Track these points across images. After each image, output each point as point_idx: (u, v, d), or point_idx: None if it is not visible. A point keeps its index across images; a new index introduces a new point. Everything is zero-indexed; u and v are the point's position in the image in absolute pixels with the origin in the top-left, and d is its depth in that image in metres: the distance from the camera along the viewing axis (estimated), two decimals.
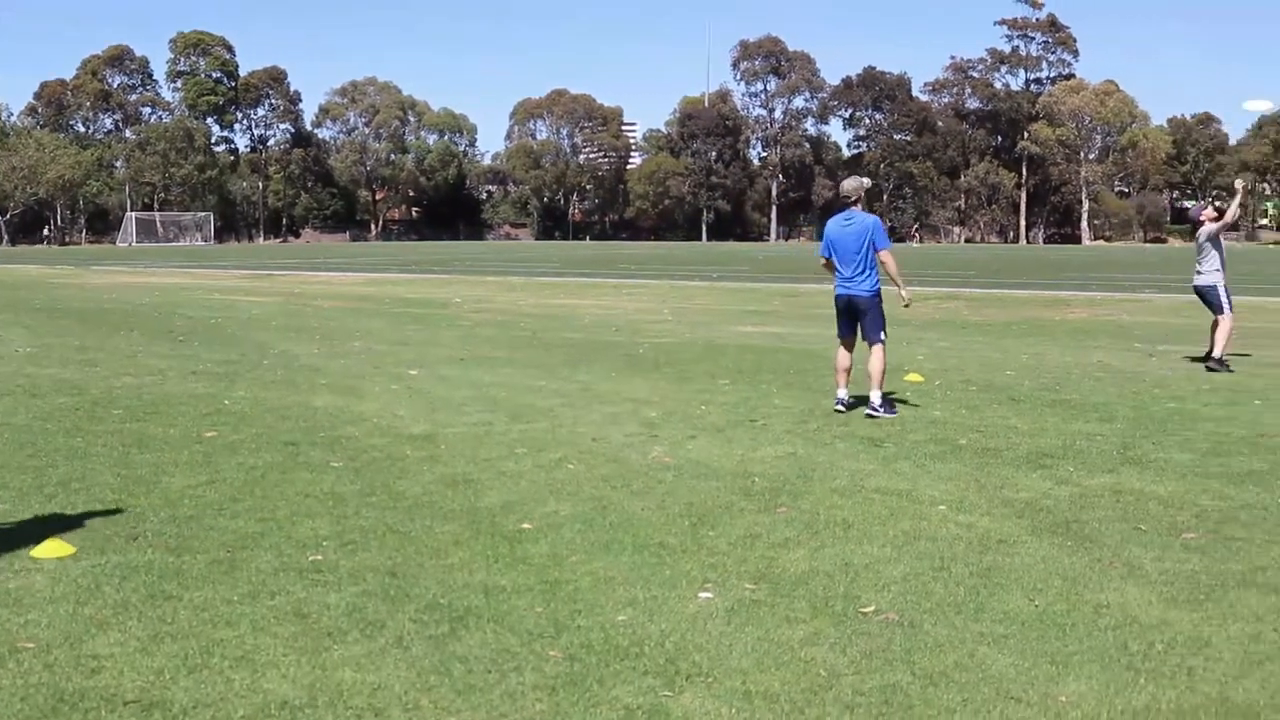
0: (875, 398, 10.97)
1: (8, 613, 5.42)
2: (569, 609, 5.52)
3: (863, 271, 11.10)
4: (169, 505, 7.47)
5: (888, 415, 10.85)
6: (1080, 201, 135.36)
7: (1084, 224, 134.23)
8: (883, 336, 11.20)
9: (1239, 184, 17.29)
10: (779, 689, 4.61)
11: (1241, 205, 16.10)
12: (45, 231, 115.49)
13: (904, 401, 11.67)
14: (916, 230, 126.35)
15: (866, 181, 11.75)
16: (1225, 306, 15.05)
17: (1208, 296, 15.30)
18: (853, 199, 11.25)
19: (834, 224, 11.35)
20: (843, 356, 11.44)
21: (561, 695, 4.54)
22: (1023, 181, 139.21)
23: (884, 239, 11.13)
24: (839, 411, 11.13)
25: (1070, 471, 8.57)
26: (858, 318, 11.28)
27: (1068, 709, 4.44)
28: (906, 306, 12.01)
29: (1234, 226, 16.23)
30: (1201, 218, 15.68)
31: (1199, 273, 15.49)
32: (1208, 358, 14.88)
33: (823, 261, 11.56)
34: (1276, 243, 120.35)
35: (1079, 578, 6.03)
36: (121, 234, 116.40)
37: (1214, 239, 15.35)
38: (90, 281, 38.93)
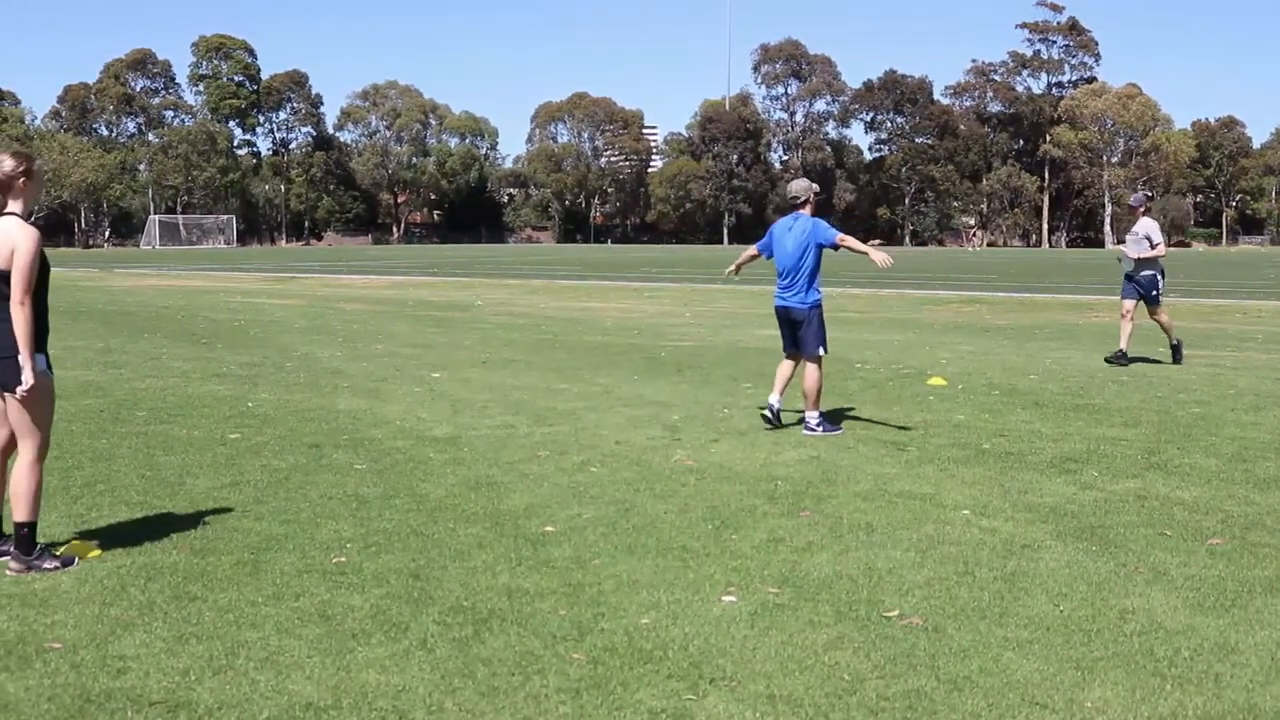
0: (811, 417, 10.43)
1: (35, 613, 5.45)
2: (592, 612, 5.52)
3: (800, 281, 10.48)
4: (193, 507, 7.50)
5: (830, 433, 10.29)
6: (1103, 205, 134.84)
7: (1107, 228, 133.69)
8: (821, 352, 10.54)
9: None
10: (803, 693, 4.60)
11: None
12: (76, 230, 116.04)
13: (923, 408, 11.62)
14: (975, 233, 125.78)
15: (815, 186, 11.05)
16: (1160, 299, 15.86)
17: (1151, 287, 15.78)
18: (801, 200, 10.61)
19: (780, 225, 10.74)
20: (784, 368, 10.77)
21: (585, 698, 4.54)
22: (1045, 185, 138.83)
23: (827, 233, 10.43)
24: (764, 420, 10.55)
25: (1095, 476, 8.54)
26: (795, 329, 10.62)
27: (1093, 715, 4.42)
28: (886, 267, 10.63)
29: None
30: (1139, 211, 16.03)
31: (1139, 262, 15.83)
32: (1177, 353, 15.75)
33: (752, 252, 11.12)
34: None
35: (1104, 583, 6.01)
36: (145, 237, 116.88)
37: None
38: (114, 284, 39.11)
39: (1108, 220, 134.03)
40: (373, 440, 9.89)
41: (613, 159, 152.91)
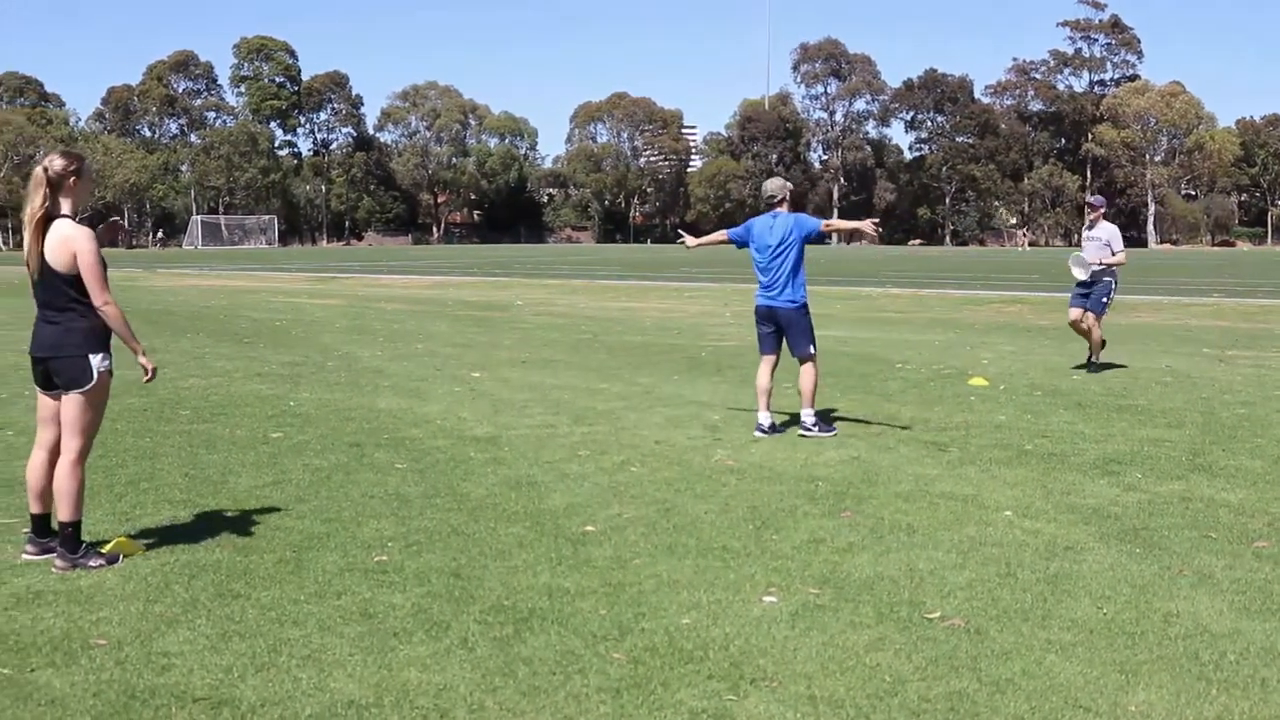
0: (807, 417, 10.26)
1: (80, 610, 5.50)
2: (633, 612, 5.51)
3: (784, 279, 10.28)
4: (236, 505, 7.55)
5: (824, 435, 10.11)
6: (1146, 204, 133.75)
7: (1150, 227, 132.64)
8: (812, 350, 10.42)
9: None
10: (844, 694, 4.58)
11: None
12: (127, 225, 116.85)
13: (966, 406, 11.56)
14: (1024, 233, 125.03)
15: (790, 184, 10.73)
16: (1106, 311, 15.02)
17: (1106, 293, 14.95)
18: (778, 198, 10.38)
19: (759, 222, 10.47)
20: (763, 376, 10.53)
21: (626, 698, 4.54)
22: (1087, 184, 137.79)
23: (811, 223, 10.30)
24: (760, 436, 10.17)
25: (1139, 478, 8.47)
26: (782, 332, 10.46)
27: (1137, 719, 4.38)
28: (878, 230, 10.52)
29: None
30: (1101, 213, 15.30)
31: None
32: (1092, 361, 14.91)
33: (721, 236, 10.97)
34: None
35: (1148, 585, 5.96)
36: (187, 237, 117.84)
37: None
38: (156, 284, 39.42)
39: (1150, 219, 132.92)
40: (413, 439, 9.93)
41: (652, 159, 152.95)
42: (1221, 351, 17.25)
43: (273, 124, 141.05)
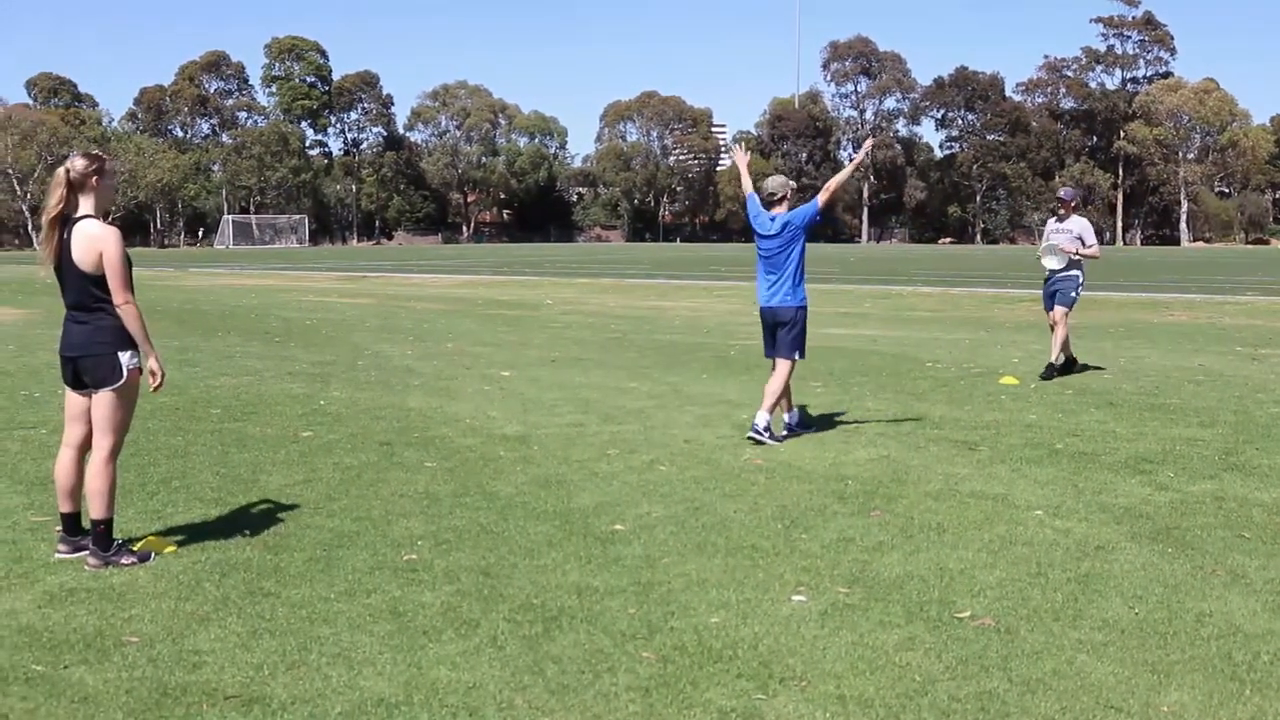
0: (761, 419, 9.83)
1: (113, 608, 5.54)
2: (662, 611, 5.51)
3: (785, 279, 10.06)
4: (266, 503, 7.59)
5: (772, 442, 9.72)
6: (1179, 202, 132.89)
7: (1183, 225, 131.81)
8: (796, 356, 10.15)
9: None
10: (873, 694, 4.57)
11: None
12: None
13: (997, 403, 11.50)
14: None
15: (792, 183, 10.41)
16: (1073, 304, 14.55)
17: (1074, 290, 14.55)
18: (779, 196, 10.09)
19: (762, 219, 10.18)
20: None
21: (655, 697, 4.54)
22: (1119, 182, 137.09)
23: (809, 209, 9.98)
24: (762, 438, 9.80)
25: (1171, 477, 8.42)
26: (777, 330, 10.21)
27: None
28: (870, 149, 10.30)
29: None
30: (1072, 207, 14.76)
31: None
32: (1060, 366, 14.21)
33: (750, 188, 10.51)
34: None
35: (1180, 585, 5.92)
36: (218, 236, 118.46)
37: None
38: (188, 283, 39.63)
39: (1184, 217, 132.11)
40: (443, 438, 9.95)
41: (681, 158, 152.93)
42: (1255, 350, 17.13)
43: (304, 124, 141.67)
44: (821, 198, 10.18)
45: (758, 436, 9.78)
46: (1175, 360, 15.68)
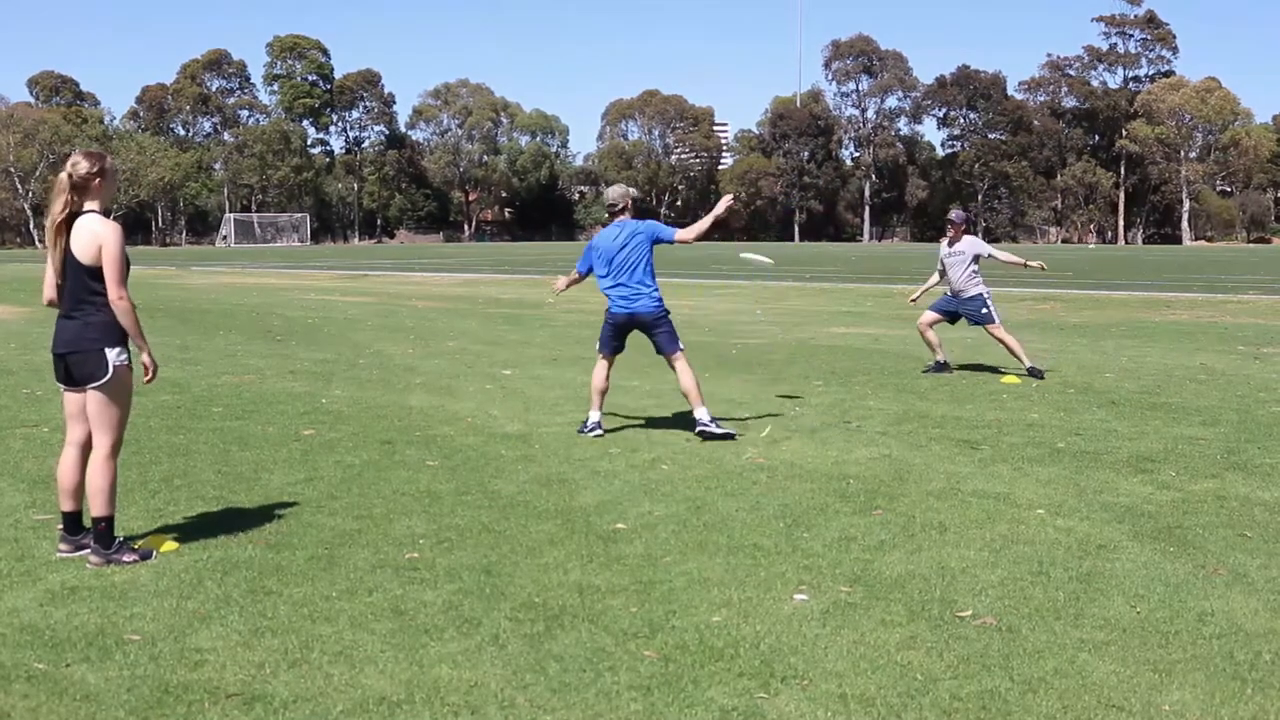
0: (702, 414, 9.90)
1: (114, 606, 5.54)
2: (663, 609, 5.51)
3: (642, 284, 10.05)
4: (268, 502, 7.59)
5: (722, 431, 9.85)
6: (1181, 201, 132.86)
7: (1184, 224, 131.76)
8: (681, 346, 10.20)
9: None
10: (875, 693, 4.57)
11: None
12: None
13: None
14: (1094, 227, 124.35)
15: (633, 190, 10.42)
16: (996, 316, 14.31)
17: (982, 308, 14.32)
18: (619, 206, 10.12)
19: (604, 236, 10.18)
20: (600, 375, 10.27)
21: (656, 695, 4.54)
22: (1121, 181, 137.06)
23: (663, 230, 10.04)
24: (594, 435, 10.00)
25: (1172, 476, 8.42)
26: (646, 334, 10.19)
27: (1171, 719, 4.35)
28: (733, 205, 10.41)
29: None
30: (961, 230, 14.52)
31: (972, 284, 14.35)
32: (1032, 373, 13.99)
33: (575, 276, 10.53)
34: None
35: (1182, 584, 5.92)
36: (220, 235, 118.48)
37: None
38: (190, 282, 39.64)
39: (1185, 216, 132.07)
40: (445, 437, 9.95)
41: (683, 156, 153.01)
42: (1257, 349, 17.12)
43: (305, 122, 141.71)
44: (682, 235, 10.18)
45: (709, 429, 9.84)
46: (1177, 359, 15.68)
